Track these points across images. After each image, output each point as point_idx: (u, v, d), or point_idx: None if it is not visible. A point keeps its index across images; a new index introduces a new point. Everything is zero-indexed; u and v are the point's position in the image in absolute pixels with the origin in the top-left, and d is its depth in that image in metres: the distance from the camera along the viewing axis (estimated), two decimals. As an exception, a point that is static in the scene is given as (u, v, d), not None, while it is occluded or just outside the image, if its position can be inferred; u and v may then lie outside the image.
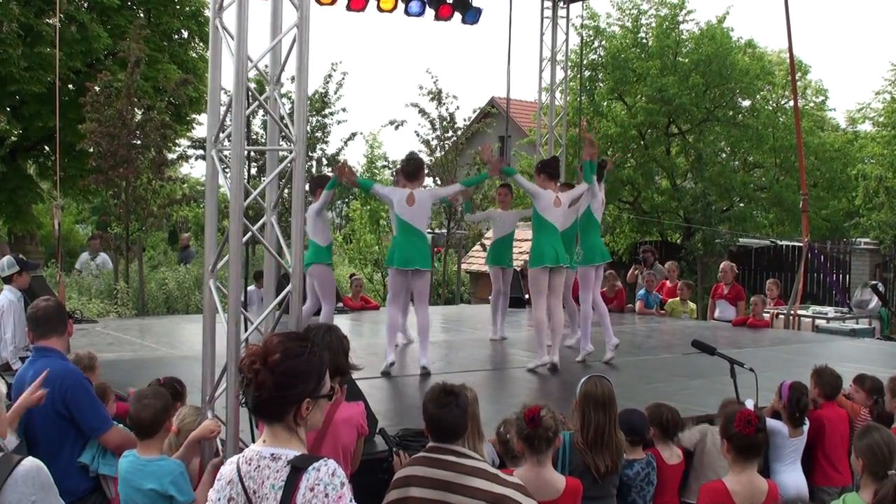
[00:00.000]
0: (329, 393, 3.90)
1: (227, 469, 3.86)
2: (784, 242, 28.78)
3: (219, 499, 3.82)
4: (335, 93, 23.57)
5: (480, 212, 16.94)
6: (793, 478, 7.75)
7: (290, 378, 3.76)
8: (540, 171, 12.00)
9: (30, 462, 4.34)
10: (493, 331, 13.81)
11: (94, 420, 6.30)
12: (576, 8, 20.12)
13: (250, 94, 6.18)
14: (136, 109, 20.40)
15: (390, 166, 26.68)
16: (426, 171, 12.85)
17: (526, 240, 23.97)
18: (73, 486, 6.08)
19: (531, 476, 5.70)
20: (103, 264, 21.20)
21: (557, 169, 12.25)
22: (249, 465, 3.77)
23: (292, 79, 6.58)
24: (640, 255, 20.16)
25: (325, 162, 23.41)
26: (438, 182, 23.57)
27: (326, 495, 3.63)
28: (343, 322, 12.24)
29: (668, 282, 18.00)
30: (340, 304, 16.68)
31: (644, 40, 29.99)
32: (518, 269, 20.01)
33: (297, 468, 3.66)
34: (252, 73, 6.20)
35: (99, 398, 6.57)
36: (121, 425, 6.30)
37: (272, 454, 3.75)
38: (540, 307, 11.64)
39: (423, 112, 23.87)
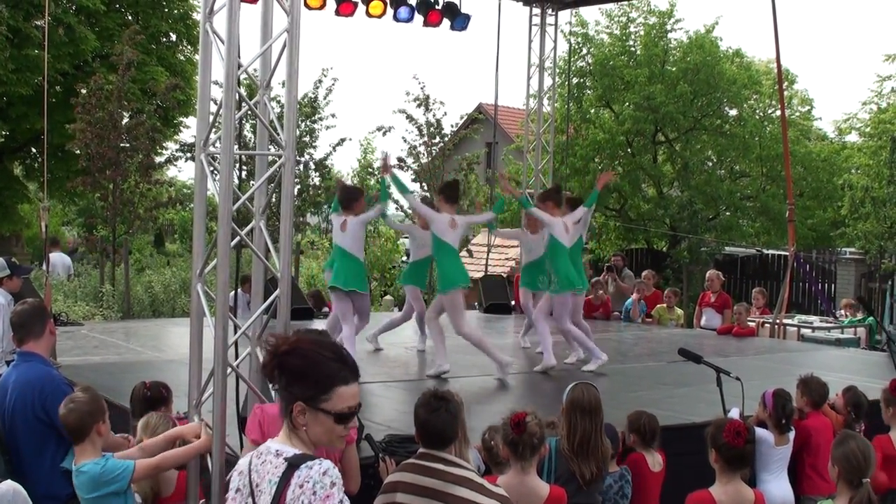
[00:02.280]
0: (341, 413, 3.85)
1: (243, 461, 3.95)
2: (770, 251, 28.86)
3: (234, 488, 3.92)
4: (324, 98, 23.57)
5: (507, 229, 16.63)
6: (779, 486, 7.75)
7: (289, 375, 3.83)
8: (545, 199, 12.35)
9: (7, 485, 4.31)
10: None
11: None
12: (564, 15, 20.14)
13: (240, 98, 6.18)
14: (124, 112, 20.37)
15: (376, 173, 26.64)
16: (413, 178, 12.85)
17: (512, 246, 24.04)
18: (56, 491, 6.07)
19: (515, 483, 5.70)
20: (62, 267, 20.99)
21: (561, 195, 12.64)
22: (259, 458, 3.86)
23: (282, 83, 6.57)
24: (610, 261, 20.18)
25: (312, 167, 23.39)
26: (425, 187, 23.56)
27: (314, 493, 3.65)
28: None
29: (645, 291, 17.96)
30: (325, 309, 16.68)
31: (632, 48, 30.07)
32: (505, 275, 20.04)
33: (292, 465, 3.72)
34: (242, 78, 6.20)
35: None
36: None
37: (277, 450, 3.82)
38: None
39: (410, 118, 23.88)
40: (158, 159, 22.77)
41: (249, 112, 6.45)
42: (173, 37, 29.44)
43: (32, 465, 6.37)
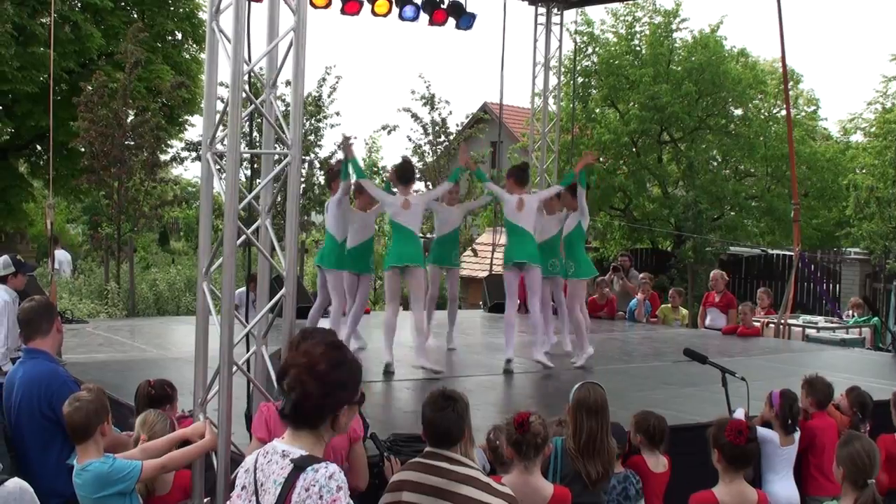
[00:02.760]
0: (360, 399, 4.02)
1: (249, 459, 3.97)
2: (775, 251, 28.82)
3: (240, 485, 3.94)
4: (329, 96, 23.57)
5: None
6: (785, 487, 7.75)
7: (334, 388, 3.85)
8: (508, 175, 12.34)
9: (13, 483, 4.29)
10: None
11: None
12: (570, 14, 20.13)
13: (246, 96, 6.17)
14: (129, 110, 20.39)
15: (380, 171, 26.67)
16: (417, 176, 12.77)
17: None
18: (61, 488, 6.07)
19: (519, 483, 5.70)
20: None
21: (525, 174, 12.43)
22: (265, 457, 3.87)
23: (287, 82, 6.57)
24: (617, 261, 20.15)
25: (317, 165, 23.39)
26: (430, 186, 23.57)
27: (321, 497, 3.66)
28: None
29: (640, 293, 17.93)
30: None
31: (638, 48, 30.03)
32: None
33: (298, 467, 3.72)
34: (248, 76, 6.20)
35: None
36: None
37: (283, 451, 3.82)
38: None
39: (415, 117, 23.88)
40: (163, 157, 22.81)
41: (255, 111, 6.44)
42: (179, 35, 29.48)
43: (38, 462, 6.37)
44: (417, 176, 23.82)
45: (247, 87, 6.16)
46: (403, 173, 11.71)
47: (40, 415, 6.35)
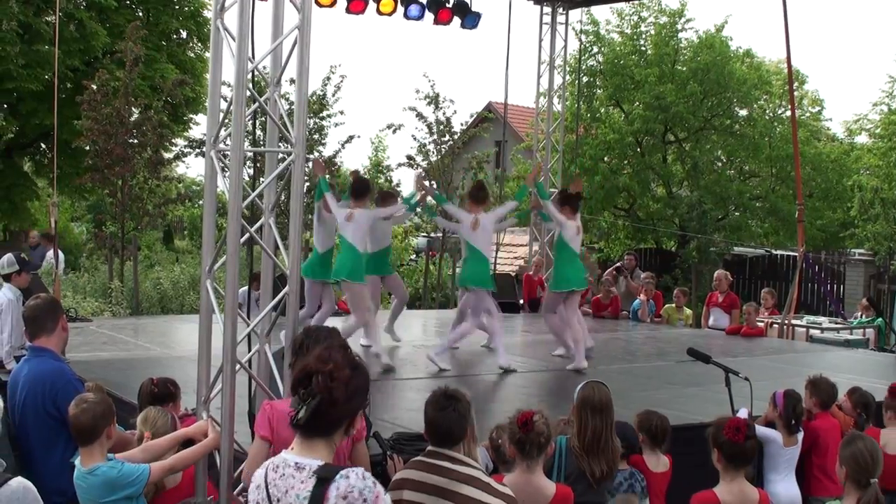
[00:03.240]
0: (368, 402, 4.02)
1: (259, 473, 3.88)
2: (779, 252, 28.80)
3: (253, 502, 3.87)
4: (333, 95, 23.55)
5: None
6: (786, 487, 7.75)
7: (357, 393, 3.83)
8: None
9: (17, 482, 4.27)
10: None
11: None
12: (575, 14, 20.14)
13: (250, 94, 6.18)
14: (133, 108, 20.40)
15: (383, 171, 26.64)
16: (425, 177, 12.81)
17: (520, 245, 24.03)
18: (66, 487, 6.07)
19: (521, 482, 5.69)
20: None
21: (481, 193, 12.47)
22: (276, 472, 3.79)
23: (291, 81, 6.57)
24: (623, 260, 20.14)
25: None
26: (434, 184, 23.56)
27: (364, 499, 3.65)
28: (337, 324, 12.20)
29: (643, 294, 17.92)
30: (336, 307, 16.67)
31: (643, 47, 30.03)
32: (514, 274, 20.02)
33: (323, 479, 3.67)
34: (252, 74, 6.20)
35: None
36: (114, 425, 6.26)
37: (296, 463, 3.76)
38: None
39: (420, 116, 23.86)
40: (167, 155, 22.80)
41: (259, 109, 6.44)
42: (184, 34, 29.47)
43: (42, 461, 6.37)
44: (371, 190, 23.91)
45: (251, 86, 6.16)
46: (356, 188, 11.89)
47: (45, 413, 6.35)
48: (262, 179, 6.66)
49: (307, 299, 12.17)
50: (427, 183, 12.72)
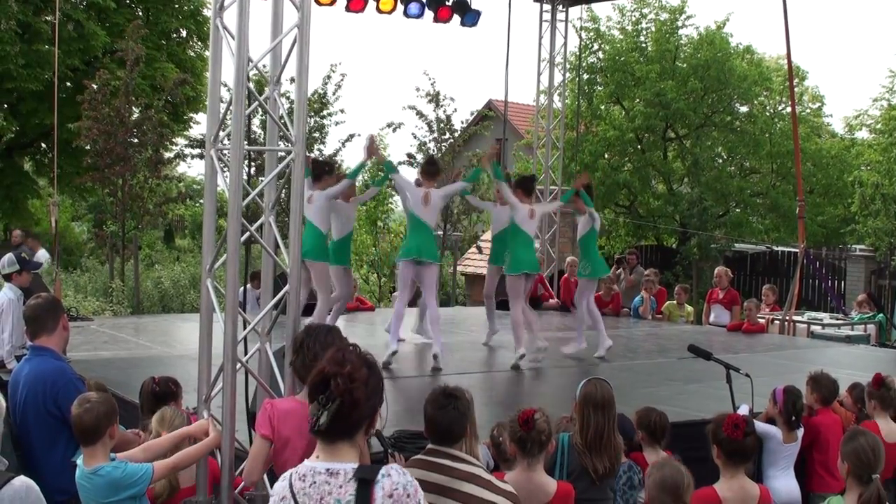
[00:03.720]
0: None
1: (280, 486, 3.78)
2: (780, 248, 28.79)
3: None
4: (333, 94, 23.57)
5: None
6: (785, 483, 7.76)
7: (375, 391, 3.80)
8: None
9: (20, 481, 4.26)
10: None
11: None
12: (575, 11, 20.12)
13: (250, 94, 6.17)
14: (133, 108, 20.41)
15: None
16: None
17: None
18: (67, 485, 6.07)
19: (522, 480, 5.69)
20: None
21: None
22: (303, 481, 3.71)
23: (291, 79, 6.57)
24: (624, 256, 20.12)
25: (322, 162, 23.39)
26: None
27: (408, 495, 3.65)
28: (339, 323, 12.22)
29: (644, 291, 17.89)
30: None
31: (643, 44, 30.03)
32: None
33: (366, 480, 3.63)
34: (251, 73, 6.20)
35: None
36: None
37: (328, 469, 3.69)
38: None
39: (420, 114, 23.87)
40: (167, 155, 22.82)
41: (259, 108, 6.44)
42: (183, 33, 29.51)
43: (44, 460, 6.38)
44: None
45: (251, 85, 6.15)
46: (314, 171, 12.14)
47: (46, 412, 6.35)
48: (261, 178, 6.65)
49: (336, 283, 12.43)
50: (379, 149, 12.79)
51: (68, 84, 25.44)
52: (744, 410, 7.59)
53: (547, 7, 18.90)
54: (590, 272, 12.95)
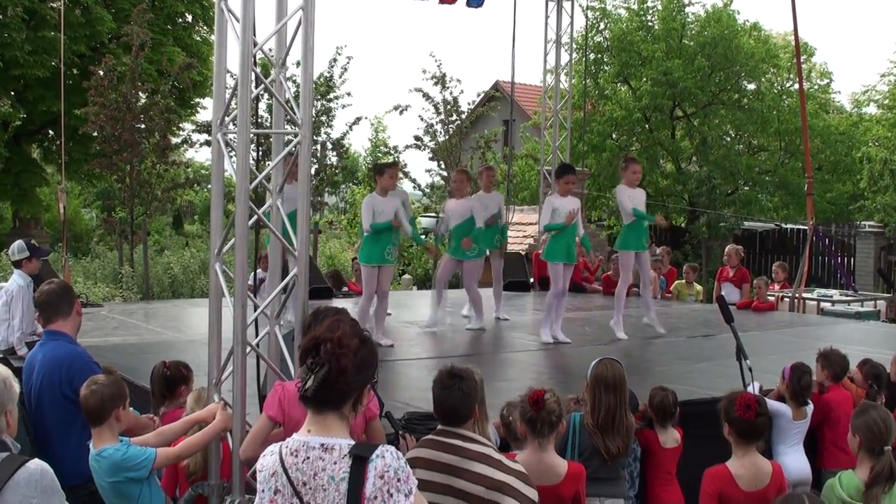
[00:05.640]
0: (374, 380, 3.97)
1: (270, 460, 3.77)
2: (789, 226, 28.79)
3: (263, 490, 3.75)
4: (340, 77, 23.54)
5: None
6: (795, 459, 7.77)
7: (365, 364, 3.77)
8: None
9: (34, 464, 4.27)
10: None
11: None
12: (581, -10, 20.07)
13: (256, 77, 6.17)
14: (140, 93, 20.41)
15: (392, 152, 26.63)
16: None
17: (530, 223, 23.99)
18: (82, 469, 6.10)
19: (533, 460, 5.70)
20: None
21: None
22: (295, 456, 3.69)
23: (297, 63, 6.56)
24: None
25: (329, 146, 23.38)
26: (442, 165, 23.57)
27: (398, 479, 3.61)
28: (347, 306, 12.20)
29: (653, 271, 17.85)
30: (345, 289, 16.70)
31: (650, 23, 29.94)
32: (523, 252, 20.00)
33: (361, 458, 3.62)
34: (257, 57, 6.19)
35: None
36: (130, 409, 6.27)
37: (322, 444, 3.68)
38: None
39: (426, 96, 23.84)
40: (175, 140, 22.82)
41: (266, 91, 6.43)
42: (189, 17, 29.50)
43: (59, 443, 6.42)
44: (429, 156, 23.87)
45: (257, 69, 6.15)
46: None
47: (62, 396, 6.38)
48: (268, 161, 6.65)
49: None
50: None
51: (75, 70, 25.45)
52: (754, 389, 7.61)
53: (553, -13, 18.83)
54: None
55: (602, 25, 30.01)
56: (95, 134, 20.59)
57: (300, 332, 5.87)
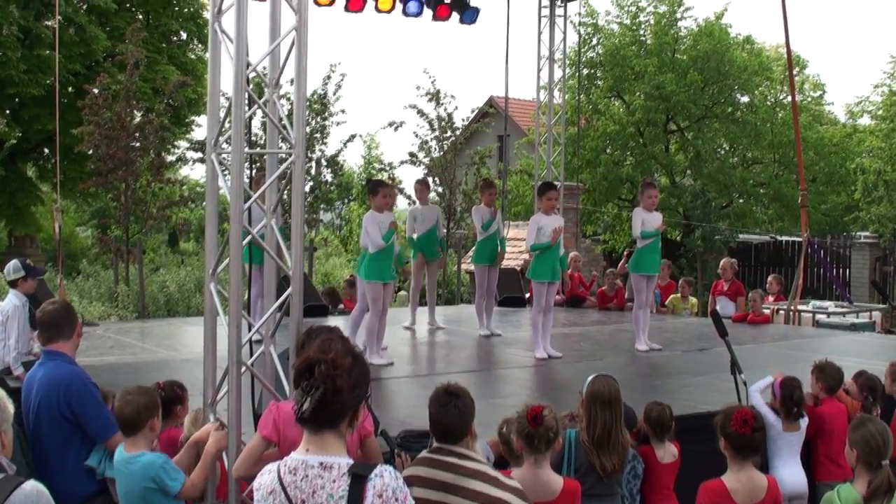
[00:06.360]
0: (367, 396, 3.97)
1: (268, 479, 3.80)
2: (784, 238, 28.81)
3: None
4: (334, 94, 23.54)
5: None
6: (791, 472, 7.76)
7: (359, 382, 3.79)
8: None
9: (30, 486, 4.28)
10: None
11: (99, 424, 6.32)
12: (573, 6, 20.11)
13: (249, 97, 6.19)
14: (135, 112, 20.42)
15: (386, 168, 26.63)
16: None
17: (524, 239, 24.02)
18: (80, 489, 6.12)
19: (529, 476, 5.71)
20: None
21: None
22: (294, 474, 3.72)
23: (291, 81, 6.58)
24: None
25: (324, 163, 23.38)
26: (437, 181, 23.58)
27: (397, 499, 3.65)
28: (341, 324, 12.20)
29: (659, 281, 17.88)
30: (341, 306, 16.70)
31: (642, 38, 30.03)
32: (518, 269, 20.02)
33: (360, 476, 3.65)
34: (251, 75, 6.21)
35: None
36: None
37: (321, 463, 3.71)
38: None
39: (421, 113, 23.86)
40: (170, 158, 22.82)
41: (258, 111, 6.45)
42: (184, 35, 29.53)
43: (57, 464, 6.41)
44: (424, 171, 23.91)
45: (250, 88, 6.17)
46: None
47: (60, 416, 6.38)
48: (263, 180, 6.66)
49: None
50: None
51: (70, 89, 25.45)
52: (756, 400, 7.68)
53: (545, 3, 18.88)
54: None
55: (595, 41, 30.10)
56: (90, 152, 20.56)
57: (294, 351, 5.89)
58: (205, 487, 5.92)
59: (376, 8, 16.14)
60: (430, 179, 22.46)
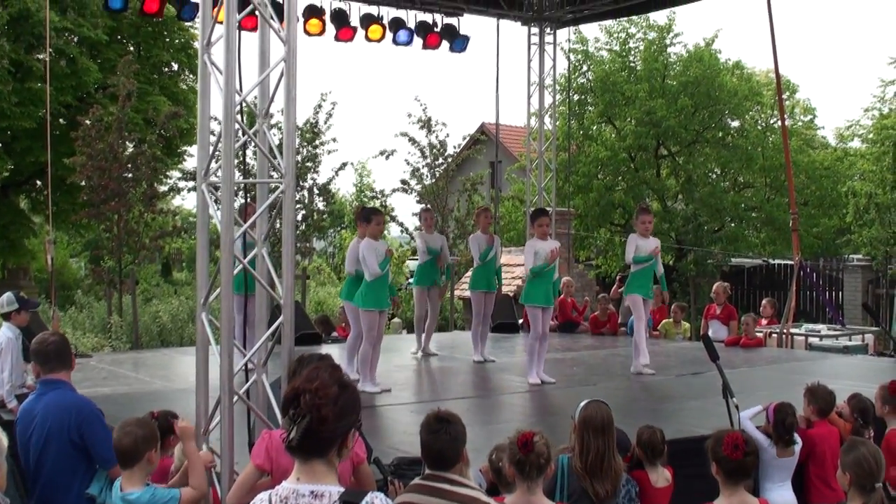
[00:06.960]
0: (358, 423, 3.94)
1: None
2: (776, 261, 28.83)
3: None
4: (325, 122, 23.62)
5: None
6: (782, 495, 7.76)
7: (347, 410, 3.76)
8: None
9: None
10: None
11: (107, 451, 6.30)
12: (563, 33, 20.19)
13: (239, 127, 6.22)
14: (127, 143, 20.47)
15: (378, 196, 26.67)
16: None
17: (518, 265, 24.07)
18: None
19: (522, 503, 5.71)
20: None
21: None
22: (285, 503, 3.71)
23: (282, 110, 6.62)
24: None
25: (316, 192, 23.44)
26: (429, 206, 23.64)
27: None
28: (334, 352, 12.19)
29: (651, 305, 17.88)
30: (334, 334, 16.68)
31: (632, 64, 30.15)
32: (512, 294, 20.03)
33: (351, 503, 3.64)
34: (242, 105, 6.25)
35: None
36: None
37: (312, 491, 3.69)
38: None
39: (412, 140, 23.94)
40: (162, 188, 22.86)
41: (250, 140, 6.49)
42: (175, 66, 29.63)
43: (61, 491, 6.40)
44: (416, 199, 23.97)
45: (240, 118, 6.20)
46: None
47: (69, 442, 6.35)
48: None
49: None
50: None
51: (62, 121, 25.51)
52: (747, 425, 7.67)
53: (535, 30, 18.98)
54: None
55: (585, 67, 30.20)
56: (83, 184, 20.60)
57: (286, 379, 5.90)
58: (206, 486, 5.92)
59: (366, 37, 16.23)
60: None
